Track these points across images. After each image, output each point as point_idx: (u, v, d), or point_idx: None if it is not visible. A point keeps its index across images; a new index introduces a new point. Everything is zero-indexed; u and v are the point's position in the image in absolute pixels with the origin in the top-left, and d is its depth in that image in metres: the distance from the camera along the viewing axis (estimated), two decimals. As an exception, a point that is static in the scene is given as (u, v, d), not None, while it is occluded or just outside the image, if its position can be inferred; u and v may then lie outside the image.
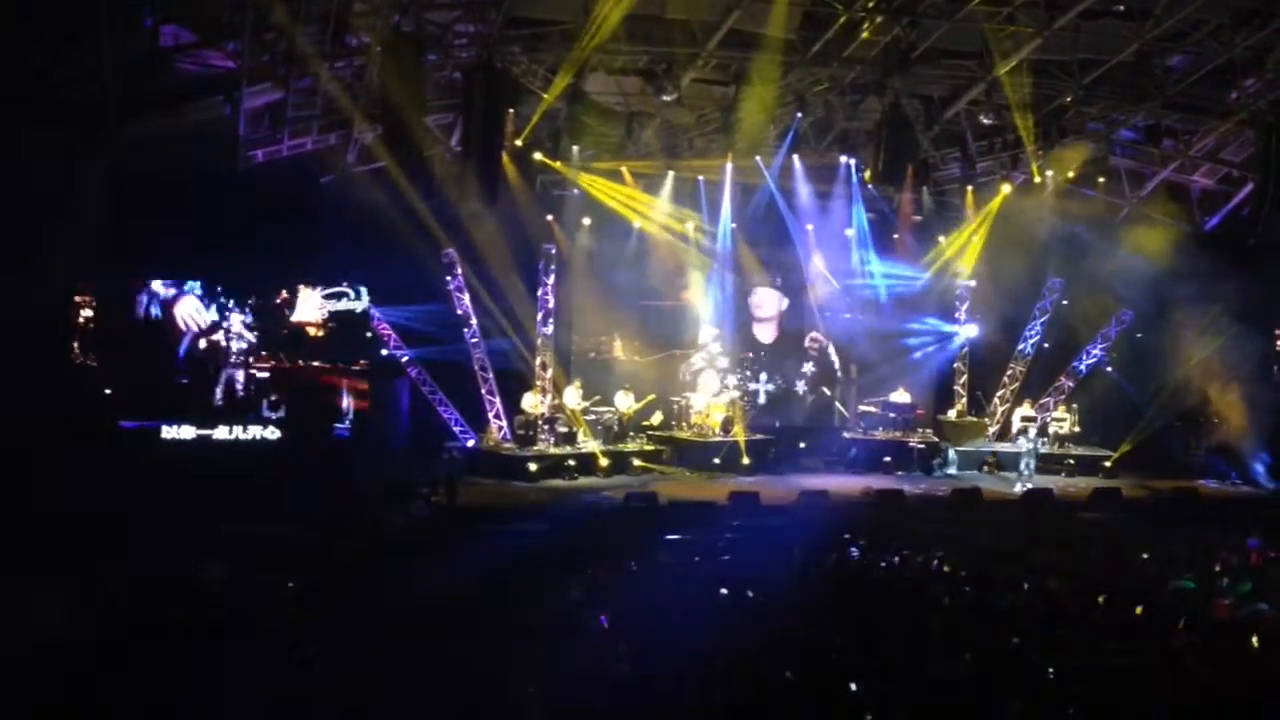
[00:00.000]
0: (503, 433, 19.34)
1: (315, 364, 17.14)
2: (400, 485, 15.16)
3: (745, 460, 18.98)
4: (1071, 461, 19.76)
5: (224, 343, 14.85)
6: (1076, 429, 20.49)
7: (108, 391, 14.24)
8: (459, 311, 19.54)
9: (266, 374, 16.71)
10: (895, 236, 21.76)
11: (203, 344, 15.92)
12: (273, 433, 14.54)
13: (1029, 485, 18.08)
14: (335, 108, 16.81)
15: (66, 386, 13.31)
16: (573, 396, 18.91)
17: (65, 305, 13.60)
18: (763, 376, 21.99)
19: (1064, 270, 21.02)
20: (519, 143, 17.63)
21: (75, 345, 14.53)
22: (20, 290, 11.31)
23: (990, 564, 10.65)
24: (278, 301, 17.11)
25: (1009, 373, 21.87)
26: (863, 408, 20.96)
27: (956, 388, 22.14)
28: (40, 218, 11.52)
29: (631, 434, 19.61)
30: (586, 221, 20.24)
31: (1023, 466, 19.03)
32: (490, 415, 19.54)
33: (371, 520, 13.10)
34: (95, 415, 13.75)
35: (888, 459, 19.78)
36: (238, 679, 6.46)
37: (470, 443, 19.25)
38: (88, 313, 14.98)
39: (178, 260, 15.40)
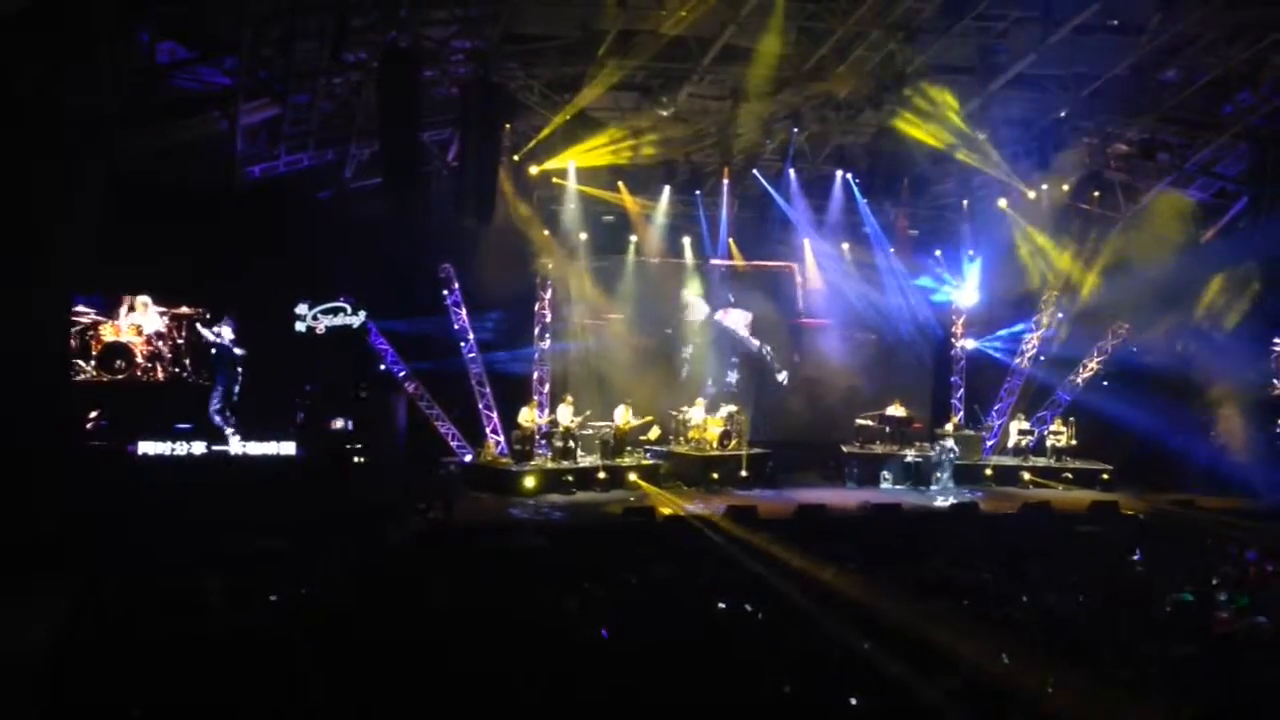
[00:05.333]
0: (500, 447, 19.33)
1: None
2: (397, 501, 15.11)
3: (744, 474, 18.95)
4: (1069, 475, 19.79)
5: (220, 357, 14.82)
6: (1073, 442, 20.52)
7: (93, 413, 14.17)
8: (456, 326, 19.56)
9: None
10: (891, 250, 21.79)
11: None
12: (287, 448, 14.47)
13: (950, 499, 18.16)
14: (332, 124, 16.87)
15: (65, 396, 13.28)
16: (565, 412, 18.89)
17: (65, 313, 13.62)
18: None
19: (1058, 284, 21.13)
20: (516, 158, 17.68)
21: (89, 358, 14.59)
22: (19, 295, 11.34)
23: (989, 579, 10.64)
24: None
25: (1006, 386, 21.95)
26: (860, 421, 20.95)
27: (954, 401, 22.20)
28: (40, 222, 11.54)
29: (629, 448, 19.58)
30: (584, 236, 20.27)
31: (942, 477, 19.24)
32: (488, 430, 19.54)
33: (369, 535, 13.07)
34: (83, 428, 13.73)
35: (885, 473, 19.75)
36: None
37: (467, 458, 19.23)
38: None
39: (176, 274, 15.38)
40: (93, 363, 14.47)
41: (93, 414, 13.91)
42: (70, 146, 11.69)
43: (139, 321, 14.86)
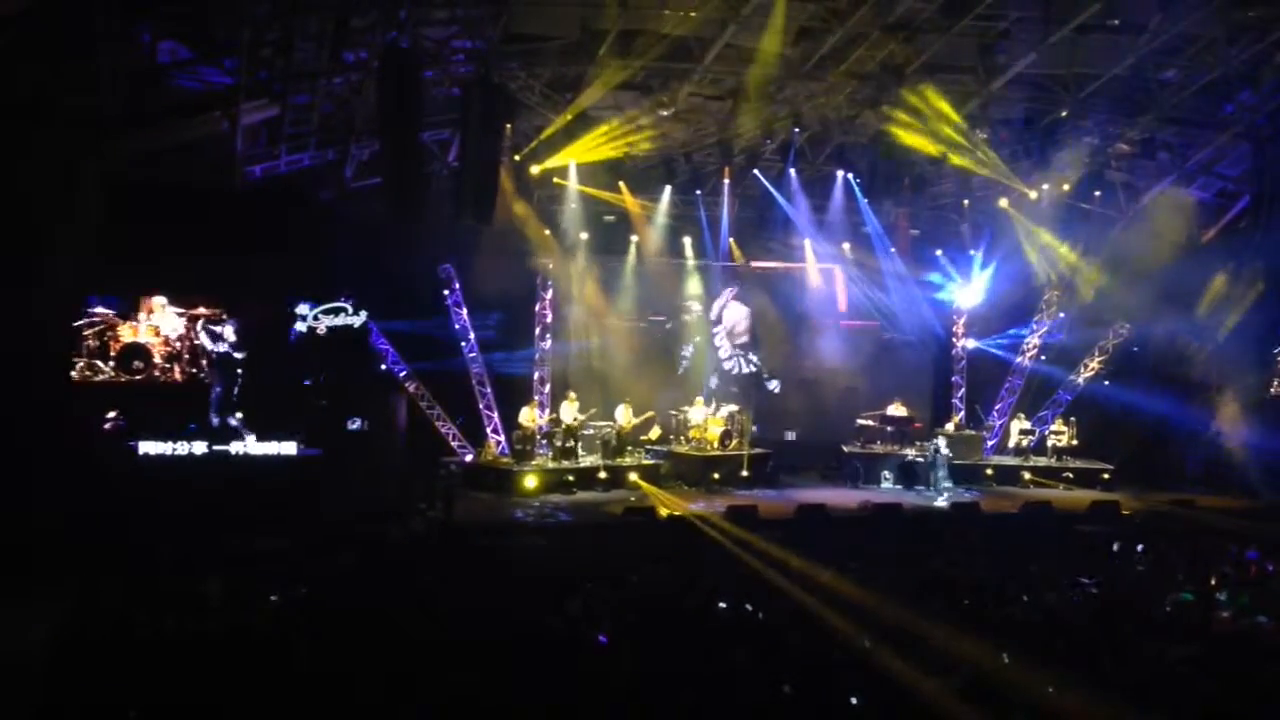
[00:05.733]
0: (500, 447, 19.33)
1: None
2: (397, 500, 15.11)
3: (745, 474, 18.95)
4: (1070, 475, 19.78)
5: (219, 358, 14.81)
6: (1074, 442, 20.52)
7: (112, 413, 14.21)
8: (457, 326, 19.57)
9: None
10: (892, 250, 21.78)
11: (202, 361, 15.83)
12: (288, 448, 14.46)
13: (950, 498, 18.16)
14: (332, 124, 16.86)
15: (63, 397, 13.29)
16: (568, 411, 18.89)
17: (67, 314, 13.64)
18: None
19: (1059, 283, 21.13)
20: (516, 158, 17.68)
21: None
22: (19, 295, 11.35)
23: (989, 577, 10.62)
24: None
25: (1007, 386, 21.94)
26: (860, 421, 20.95)
27: (954, 400, 22.19)
28: (40, 221, 11.56)
29: (630, 448, 19.57)
30: (584, 236, 20.27)
31: (940, 476, 19.16)
32: (488, 430, 19.55)
33: (369, 535, 13.06)
34: (85, 429, 13.73)
35: (885, 472, 19.75)
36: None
37: (468, 457, 19.23)
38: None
39: (177, 274, 15.39)
40: (111, 363, 14.46)
41: (111, 414, 13.91)
42: (70, 146, 11.70)
43: (157, 322, 14.89)
